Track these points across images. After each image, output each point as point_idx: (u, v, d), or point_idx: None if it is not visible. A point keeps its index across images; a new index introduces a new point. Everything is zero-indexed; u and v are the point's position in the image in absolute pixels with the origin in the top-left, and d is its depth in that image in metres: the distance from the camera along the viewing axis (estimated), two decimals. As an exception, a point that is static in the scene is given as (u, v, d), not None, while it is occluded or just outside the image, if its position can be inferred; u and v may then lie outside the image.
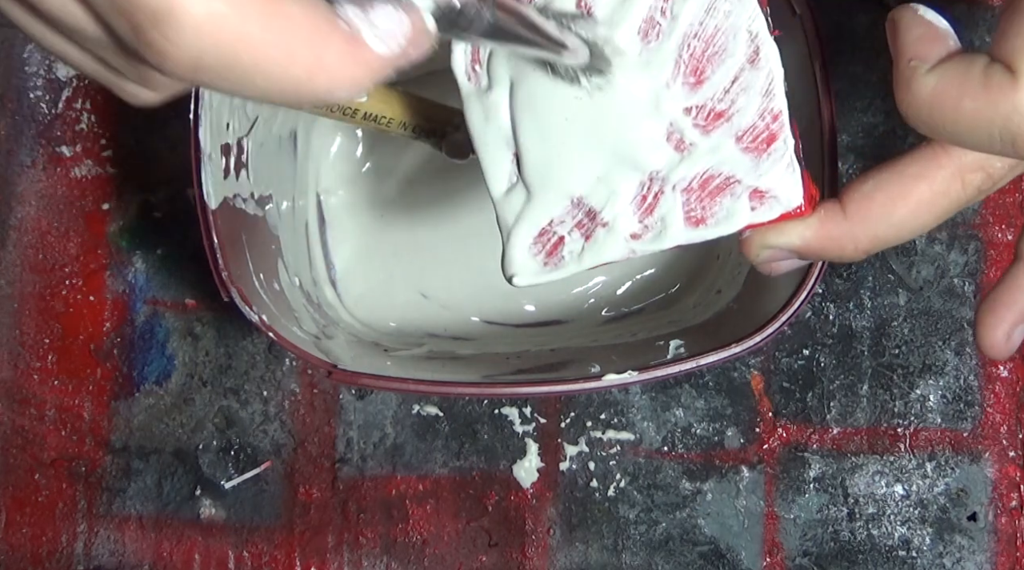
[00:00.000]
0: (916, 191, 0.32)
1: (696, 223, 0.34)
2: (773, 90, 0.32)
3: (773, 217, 0.33)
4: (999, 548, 0.54)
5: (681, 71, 0.33)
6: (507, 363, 0.54)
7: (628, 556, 0.56)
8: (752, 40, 0.32)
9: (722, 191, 0.33)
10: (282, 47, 0.23)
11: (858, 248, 0.34)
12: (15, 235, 0.60)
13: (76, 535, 0.59)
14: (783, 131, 0.33)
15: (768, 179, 0.33)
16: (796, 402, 0.56)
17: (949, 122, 0.30)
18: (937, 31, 0.32)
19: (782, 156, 0.33)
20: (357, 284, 0.57)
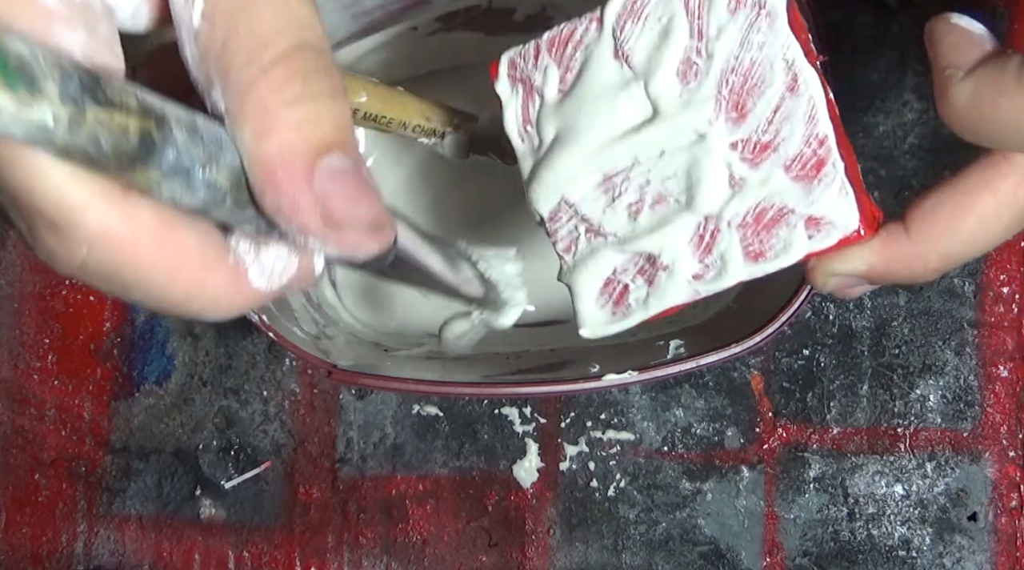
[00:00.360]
0: (980, 203, 0.32)
1: (756, 257, 0.34)
2: (816, 115, 0.32)
3: (832, 244, 0.33)
4: (999, 548, 0.54)
5: (723, 107, 0.33)
6: (507, 363, 0.54)
7: (628, 556, 0.56)
8: (789, 68, 0.32)
9: (777, 222, 0.33)
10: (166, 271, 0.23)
11: (928, 267, 0.33)
12: (15, 235, 0.60)
13: (76, 535, 0.59)
14: (831, 155, 0.32)
15: (821, 206, 0.32)
16: (796, 402, 0.56)
17: (990, 125, 0.30)
18: (971, 36, 0.31)
19: (832, 181, 0.32)
20: (357, 284, 0.57)
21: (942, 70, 0.31)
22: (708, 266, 0.34)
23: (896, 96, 0.56)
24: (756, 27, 0.32)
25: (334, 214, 0.24)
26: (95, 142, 0.21)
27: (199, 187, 0.23)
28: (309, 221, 0.24)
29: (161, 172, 0.22)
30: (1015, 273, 0.55)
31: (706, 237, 0.34)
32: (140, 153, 0.22)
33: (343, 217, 0.24)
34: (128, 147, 0.22)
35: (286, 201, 0.23)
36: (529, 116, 0.36)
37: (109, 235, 0.22)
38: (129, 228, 0.23)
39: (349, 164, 0.24)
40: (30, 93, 0.20)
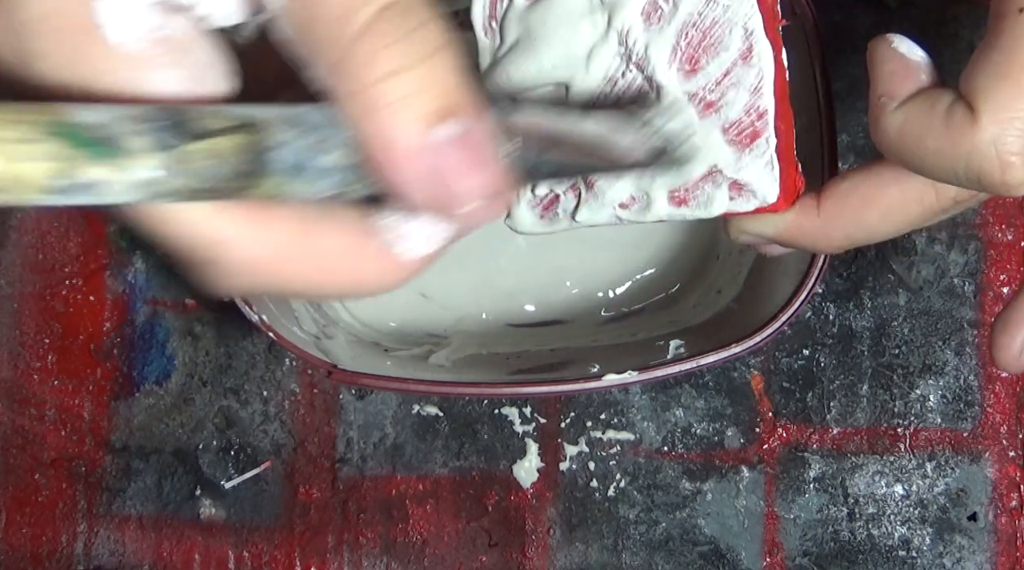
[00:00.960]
0: (887, 196, 0.33)
1: (679, 203, 0.35)
2: (762, 88, 0.33)
3: (748, 209, 0.34)
4: (999, 548, 0.54)
5: (678, 57, 0.34)
6: (507, 363, 0.54)
7: (628, 556, 0.56)
8: (747, 37, 0.33)
9: (705, 178, 0.34)
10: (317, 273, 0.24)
11: (830, 244, 0.35)
12: (15, 235, 0.60)
13: (76, 535, 0.59)
14: (767, 130, 0.33)
15: (748, 173, 0.34)
16: (796, 402, 0.56)
17: (916, 158, 0.30)
18: (908, 65, 0.32)
19: (763, 153, 0.33)
20: (357, 284, 0.57)
21: (877, 97, 0.32)
22: (635, 199, 0.35)
23: (896, 96, 0.56)
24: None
25: (447, 191, 0.23)
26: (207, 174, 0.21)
27: (325, 175, 0.23)
28: (423, 198, 0.23)
29: (282, 176, 0.22)
30: (1015, 273, 0.55)
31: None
32: (254, 167, 0.22)
33: (455, 193, 0.23)
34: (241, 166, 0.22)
35: (402, 181, 0.23)
36: (495, 12, 0.36)
37: (258, 261, 0.23)
38: (272, 249, 0.23)
39: (461, 130, 0.23)
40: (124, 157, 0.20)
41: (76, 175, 0.20)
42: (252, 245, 0.23)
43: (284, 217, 0.23)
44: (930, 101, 0.30)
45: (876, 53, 0.33)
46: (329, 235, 0.24)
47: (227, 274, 0.24)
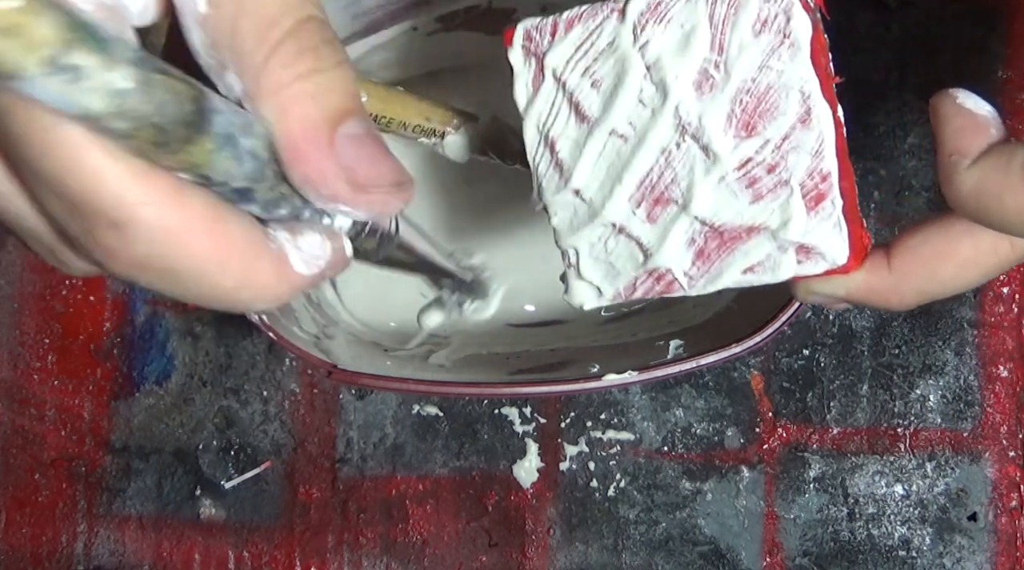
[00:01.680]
0: (962, 249, 0.32)
1: (745, 271, 0.34)
2: (823, 151, 0.33)
3: (818, 272, 0.34)
4: (999, 548, 0.54)
5: (733, 125, 0.33)
6: (507, 363, 0.54)
7: (628, 556, 0.56)
8: (804, 100, 0.32)
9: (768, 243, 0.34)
10: (219, 261, 0.24)
11: (903, 301, 0.34)
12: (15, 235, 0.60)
13: (76, 535, 0.59)
14: (831, 192, 0.33)
15: (814, 237, 0.33)
16: (796, 402, 0.56)
17: (996, 217, 0.30)
18: (976, 121, 0.31)
19: (829, 216, 0.33)
20: (357, 284, 0.57)
21: (947, 155, 0.31)
22: (699, 270, 0.35)
23: (896, 96, 0.56)
24: (777, 54, 0.32)
25: (359, 177, 0.25)
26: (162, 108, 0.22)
27: (245, 157, 0.24)
28: (337, 188, 0.25)
29: (215, 141, 0.23)
30: (1015, 273, 0.55)
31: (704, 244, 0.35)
32: (197, 119, 0.23)
33: (368, 179, 0.25)
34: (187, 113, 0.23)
35: (313, 171, 0.25)
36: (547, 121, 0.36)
37: (167, 229, 0.23)
38: (184, 221, 0.24)
39: (365, 128, 0.25)
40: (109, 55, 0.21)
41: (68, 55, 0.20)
42: (166, 213, 0.23)
43: (198, 197, 0.24)
44: (1005, 158, 0.30)
45: (941, 109, 0.32)
46: (237, 226, 0.25)
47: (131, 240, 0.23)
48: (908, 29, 0.56)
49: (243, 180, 0.24)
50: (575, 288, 0.38)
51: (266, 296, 0.26)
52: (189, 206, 0.24)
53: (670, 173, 0.35)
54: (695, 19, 0.33)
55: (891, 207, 0.55)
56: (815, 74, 0.32)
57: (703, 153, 0.34)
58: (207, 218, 0.24)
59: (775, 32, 0.32)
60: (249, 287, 0.25)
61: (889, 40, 0.56)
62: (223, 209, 0.24)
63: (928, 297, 0.34)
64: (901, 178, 0.55)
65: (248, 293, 0.25)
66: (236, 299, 0.25)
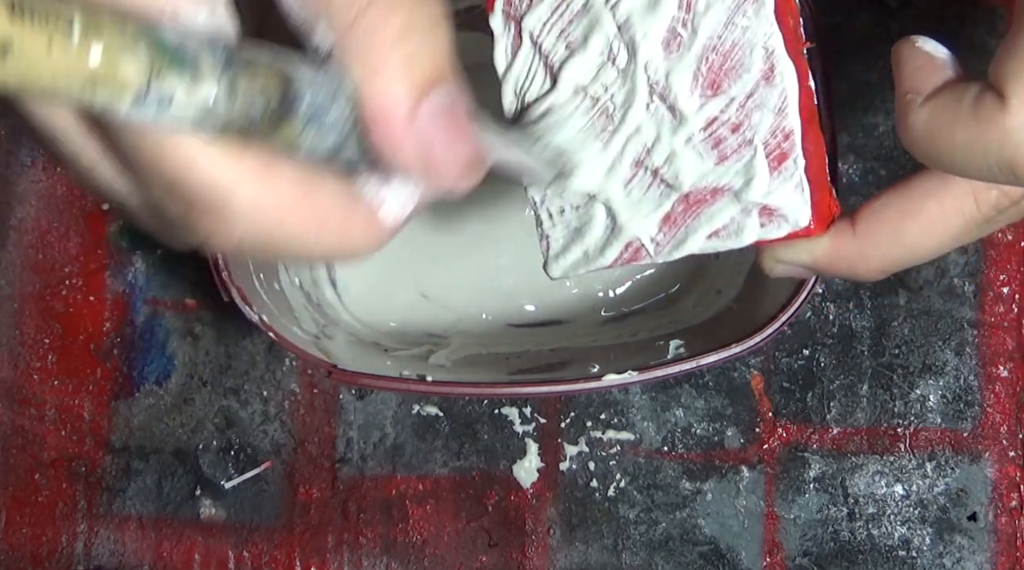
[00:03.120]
0: (925, 209, 0.32)
1: (710, 236, 0.34)
2: (786, 109, 0.32)
3: (781, 235, 0.33)
4: (999, 548, 0.54)
5: (699, 84, 0.33)
6: (507, 363, 0.54)
7: (628, 556, 0.56)
8: (768, 57, 0.32)
9: (732, 205, 0.34)
10: (314, 229, 0.25)
11: (870, 267, 0.33)
12: (15, 235, 0.60)
13: (76, 535, 0.59)
14: (794, 151, 0.33)
15: (777, 197, 0.33)
16: (796, 402, 0.56)
17: (946, 154, 0.30)
18: (933, 62, 0.31)
19: (791, 175, 0.33)
20: (357, 284, 0.57)
21: (903, 94, 0.31)
22: (665, 235, 0.35)
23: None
24: (742, 10, 0.32)
25: (433, 157, 0.25)
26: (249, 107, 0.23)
27: (329, 128, 0.24)
28: (410, 163, 0.25)
29: (300, 123, 0.24)
30: (1015, 273, 0.55)
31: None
32: (284, 107, 0.23)
33: (442, 160, 0.25)
34: (273, 107, 0.23)
35: (389, 143, 0.25)
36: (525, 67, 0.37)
37: (261, 208, 0.24)
38: (277, 199, 0.24)
39: (449, 101, 0.25)
40: (193, 76, 0.22)
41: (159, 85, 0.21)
42: (258, 193, 0.24)
43: (287, 171, 0.24)
44: (957, 92, 0.30)
45: (901, 52, 0.32)
46: (328, 193, 0.25)
47: (229, 222, 0.24)
48: (908, 29, 0.55)
49: (328, 149, 0.25)
50: (548, 258, 0.37)
51: (364, 250, 0.26)
52: (280, 182, 0.24)
53: (639, 136, 0.35)
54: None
55: (891, 207, 0.55)
56: (779, 30, 0.32)
57: (670, 113, 0.34)
58: (298, 191, 0.25)
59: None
60: (346, 246, 0.26)
61: (889, 40, 0.55)
62: (313, 179, 0.25)
63: (896, 263, 0.33)
64: (901, 178, 0.55)
65: (347, 250, 0.26)
66: (337, 255, 0.26)
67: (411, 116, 0.24)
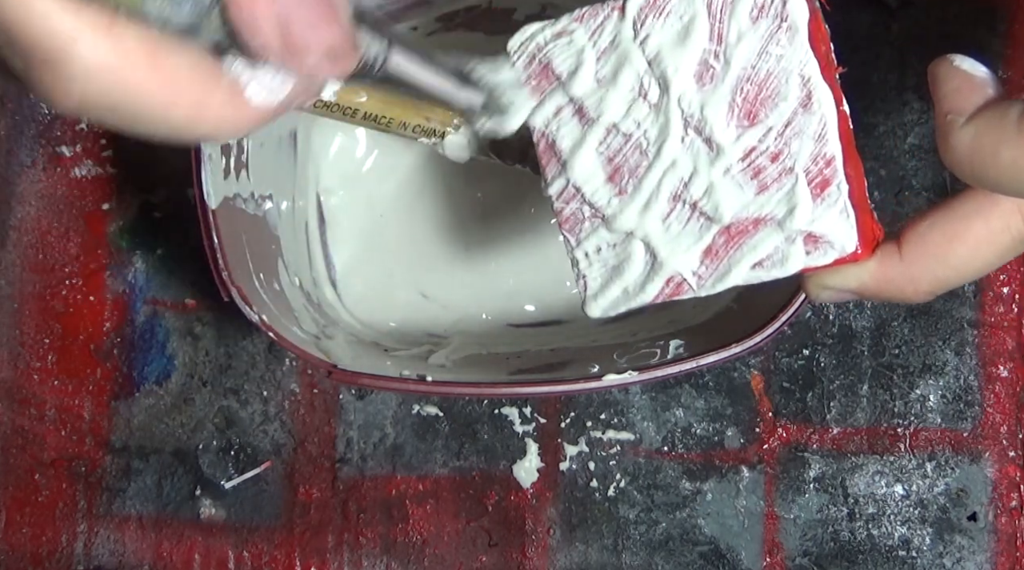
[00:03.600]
0: (973, 229, 0.32)
1: (753, 266, 0.34)
2: (826, 135, 0.32)
3: (828, 261, 0.33)
4: (999, 548, 0.54)
5: (735, 114, 0.33)
6: (507, 363, 0.54)
7: (628, 556, 0.56)
8: (804, 84, 0.32)
9: (776, 235, 0.33)
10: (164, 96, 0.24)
11: (918, 290, 0.33)
12: (15, 235, 0.60)
13: (76, 535, 0.59)
14: (836, 177, 0.32)
15: (822, 224, 0.33)
16: (796, 402, 0.56)
17: (991, 173, 0.29)
18: (973, 81, 0.31)
19: (835, 201, 0.32)
20: (357, 284, 0.57)
21: (943, 115, 0.31)
22: (708, 269, 0.35)
23: (896, 96, 0.56)
24: (776, 39, 0.32)
25: (292, 38, 0.24)
26: None
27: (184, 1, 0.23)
28: (268, 42, 0.24)
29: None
30: (1015, 273, 0.55)
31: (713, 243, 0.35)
32: None
33: (300, 42, 0.24)
34: None
35: (247, 19, 0.24)
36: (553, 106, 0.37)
37: (100, 65, 0.23)
38: (119, 55, 0.23)
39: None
40: None
41: None
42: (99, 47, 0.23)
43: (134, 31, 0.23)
44: (1000, 111, 0.29)
45: (938, 73, 0.32)
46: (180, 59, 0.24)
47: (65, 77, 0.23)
48: (908, 29, 0.56)
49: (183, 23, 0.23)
50: (586, 297, 0.37)
51: (224, 127, 0.25)
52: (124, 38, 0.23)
53: (675, 170, 0.34)
54: (693, 9, 0.33)
55: (891, 207, 0.55)
56: (814, 57, 0.32)
57: (707, 146, 0.34)
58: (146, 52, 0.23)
59: (772, 17, 0.32)
60: (203, 120, 0.25)
61: (889, 40, 0.56)
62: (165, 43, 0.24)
63: (944, 284, 0.33)
64: (901, 178, 0.55)
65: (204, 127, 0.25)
66: (193, 132, 0.25)
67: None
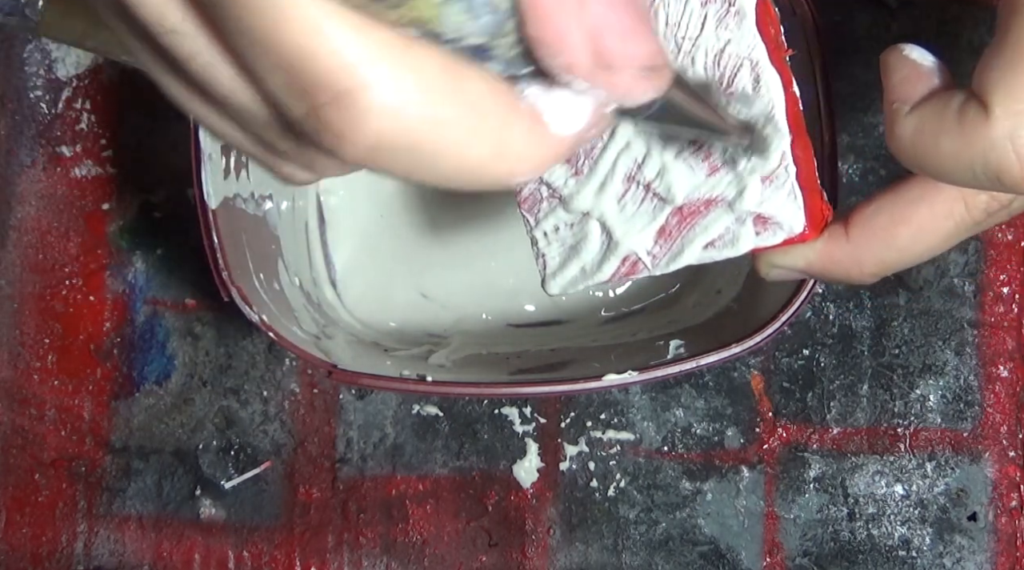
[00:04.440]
0: (917, 214, 0.33)
1: (706, 246, 0.34)
2: (774, 117, 0.33)
3: (777, 242, 0.34)
4: (999, 548, 0.54)
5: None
6: (507, 363, 0.54)
7: (628, 556, 0.56)
8: (753, 68, 0.33)
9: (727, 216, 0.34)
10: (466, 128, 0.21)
11: (863, 271, 0.34)
12: (15, 235, 0.60)
13: (76, 535, 0.59)
14: (784, 159, 0.33)
15: (770, 206, 0.33)
16: (796, 402, 0.56)
17: (932, 162, 0.30)
18: (919, 70, 0.32)
19: (783, 183, 0.33)
20: (357, 284, 0.57)
21: (890, 103, 0.31)
22: (662, 248, 0.35)
23: (896, 96, 0.56)
24: (724, 23, 0.33)
25: (605, 53, 0.20)
26: None
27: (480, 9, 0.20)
28: (576, 59, 0.20)
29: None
30: (1015, 273, 0.55)
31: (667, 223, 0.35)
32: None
33: (615, 57, 0.21)
34: None
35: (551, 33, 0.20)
36: None
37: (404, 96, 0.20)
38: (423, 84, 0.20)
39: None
40: None
41: None
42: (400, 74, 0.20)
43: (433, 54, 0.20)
44: (943, 102, 0.30)
45: (888, 61, 0.32)
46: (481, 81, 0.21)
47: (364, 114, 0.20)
48: (908, 29, 0.56)
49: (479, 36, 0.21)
50: (545, 276, 0.38)
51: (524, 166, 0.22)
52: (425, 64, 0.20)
53: (629, 152, 0.35)
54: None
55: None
56: (762, 41, 0.33)
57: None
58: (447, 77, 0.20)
59: (720, 1, 0.33)
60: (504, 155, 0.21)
61: (889, 40, 0.56)
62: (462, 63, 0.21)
63: (888, 267, 0.34)
64: (900, 178, 0.55)
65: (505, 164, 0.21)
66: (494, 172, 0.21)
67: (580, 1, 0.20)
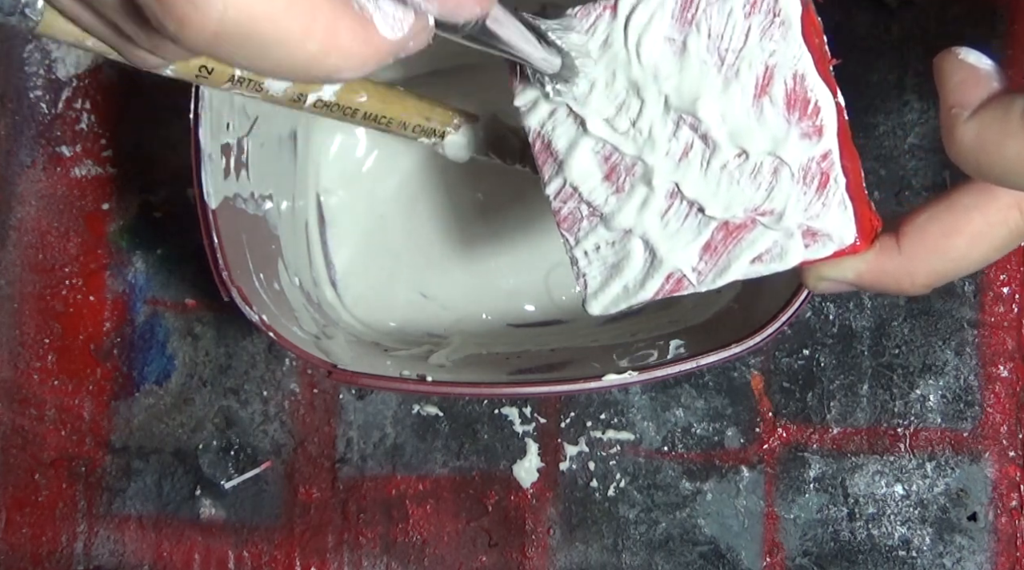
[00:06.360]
0: (971, 223, 0.32)
1: (753, 260, 0.34)
2: (822, 128, 0.32)
3: (827, 254, 0.33)
4: (999, 548, 0.54)
5: None
6: (507, 363, 0.54)
7: (628, 556, 0.56)
8: (799, 78, 0.32)
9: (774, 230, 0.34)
10: (301, 21, 0.23)
11: (915, 283, 0.33)
12: (15, 235, 0.60)
13: (76, 535, 0.59)
14: (833, 169, 0.32)
15: (820, 218, 0.33)
16: (796, 402, 0.56)
17: (996, 167, 0.29)
18: (978, 74, 0.31)
19: (833, 194, 0.32)
20: (357, 284, 0.57)
21: (948, 108, 0.31)
22: (707, 264, 0.35)
23: (896, 96, 0.56)
24: (769, 34, 0.32)
25: None
26: None
27: None
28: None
29: None
30: (1015, 273, 0.55)
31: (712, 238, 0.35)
32: None
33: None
34: None
35: None
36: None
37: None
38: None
39: None
40: None
41: None
42: None
43: None
44: (1005, 105, 0.29)
45: (943, 66, 0.32)
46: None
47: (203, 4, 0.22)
48: (908, 29, 0.56)
49: None
50: (586, 296, 0.37)
51: (352, 62, 0.24)
52: None
53: (671, 167, 0.34)
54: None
55: (891, 207, 0.55)
56: (808, 51, 0.32)
57: (702, 142, 0.34)
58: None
59: (765, 12, 0.32)
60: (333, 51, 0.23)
61: (889, 40, 0.56)
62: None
63: (942, 277, 0.33)
64: (901, 178, 0.55)
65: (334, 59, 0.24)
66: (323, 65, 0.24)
67: None
